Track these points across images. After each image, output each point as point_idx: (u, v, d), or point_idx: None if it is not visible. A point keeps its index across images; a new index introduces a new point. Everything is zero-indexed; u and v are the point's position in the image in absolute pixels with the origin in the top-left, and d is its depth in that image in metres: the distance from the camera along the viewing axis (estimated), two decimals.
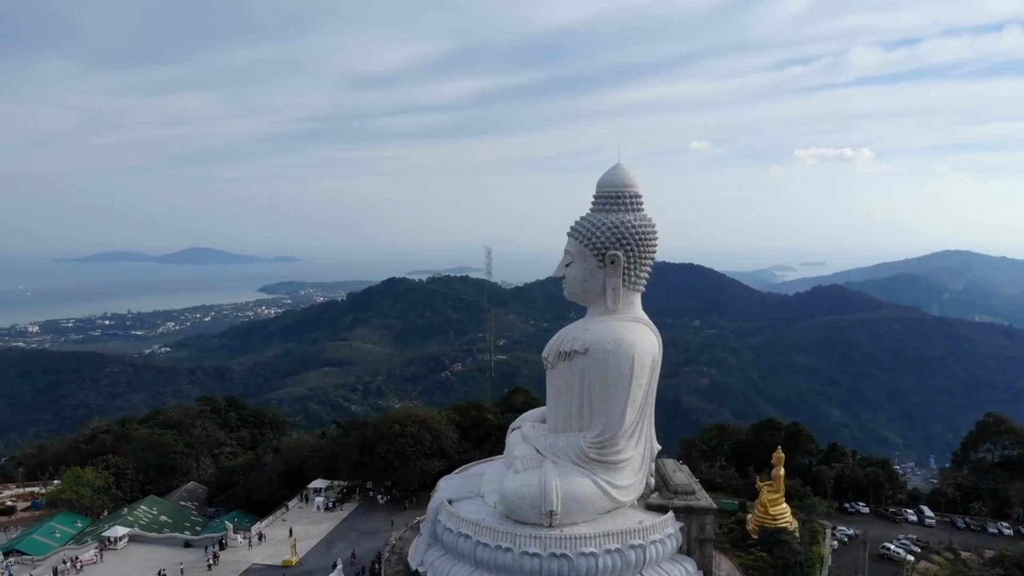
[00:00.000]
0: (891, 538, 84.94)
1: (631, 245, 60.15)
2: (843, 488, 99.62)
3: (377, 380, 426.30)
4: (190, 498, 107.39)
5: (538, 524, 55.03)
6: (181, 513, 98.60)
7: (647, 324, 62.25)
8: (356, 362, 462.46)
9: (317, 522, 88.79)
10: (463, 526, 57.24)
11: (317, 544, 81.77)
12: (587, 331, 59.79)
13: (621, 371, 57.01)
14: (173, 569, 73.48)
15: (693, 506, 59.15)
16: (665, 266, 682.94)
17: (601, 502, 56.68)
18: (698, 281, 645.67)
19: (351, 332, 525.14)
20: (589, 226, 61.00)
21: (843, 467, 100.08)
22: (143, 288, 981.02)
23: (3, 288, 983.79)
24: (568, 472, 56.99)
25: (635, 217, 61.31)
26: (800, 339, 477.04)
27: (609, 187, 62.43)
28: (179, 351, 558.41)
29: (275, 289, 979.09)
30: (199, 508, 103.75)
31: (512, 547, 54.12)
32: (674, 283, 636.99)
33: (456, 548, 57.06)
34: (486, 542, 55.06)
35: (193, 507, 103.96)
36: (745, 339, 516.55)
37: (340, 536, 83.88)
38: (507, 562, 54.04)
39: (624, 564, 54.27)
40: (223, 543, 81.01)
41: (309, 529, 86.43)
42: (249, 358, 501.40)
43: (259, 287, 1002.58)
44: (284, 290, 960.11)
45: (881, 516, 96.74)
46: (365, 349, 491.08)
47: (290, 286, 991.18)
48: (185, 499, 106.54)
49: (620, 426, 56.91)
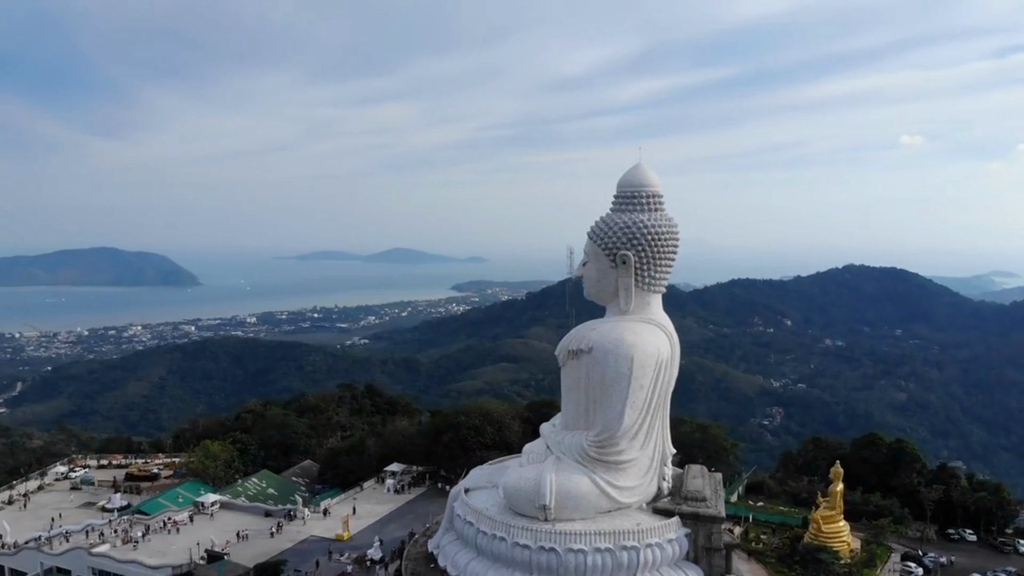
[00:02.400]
0: (987, 569, 75.80)
1: (642, 245, 59.03)
2: (951, 513, 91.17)
3: (548, 378, 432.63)
4: (303, 475, 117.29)
5: (534, 517, 55.45)
6: (288, 487, 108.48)
7: (659, 326, 60.37)
8: (530, 359, 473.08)
9: (383, 503, 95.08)
10: (469, 514, 58.98)
11: (374, 523, 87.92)
12: (594, 330, 59.47)
13: (619, 371, 56.16)
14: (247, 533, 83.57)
15: (700, 513, 56.69)
16: (863, 270, 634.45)
17: (599, 501, 56.03)
18: (901, 287, 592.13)
19: (528, 330, 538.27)
20: (603, 226, 60.74)
21: (948, 490, 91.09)
22: (350, 285, 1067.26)
23: (228, 283, 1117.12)
24: (567, 469, 56.88)
25: (649, 217, 59.96)
26: (1016, 353, 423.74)
27: (626, 187, 61.73)
28: (376, 343, 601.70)
29: (465, 287, 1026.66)
30: (308, 484, 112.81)
31: (506, 537, 55.08)
32: (874, 289, 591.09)
33: (463, 534, 58.95)
34: (485, 530, 56.46)
35: (303, 483, 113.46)
36: (951, 351, 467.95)
37: (397, 517, 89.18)
38: (501, 551, 55.15)
39: (615, 565, 53.28)
40: (291, 515, 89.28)
41: (373, 508, 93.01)
42: (436, 351, 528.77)
43: (451, 285, 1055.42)
44: (473, 288, 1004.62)
45: (989, 545, 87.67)
46: (539, 347, 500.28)
47: (478, 284, 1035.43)
48: (298, 475, 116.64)
49: (619, 426, 55.96)
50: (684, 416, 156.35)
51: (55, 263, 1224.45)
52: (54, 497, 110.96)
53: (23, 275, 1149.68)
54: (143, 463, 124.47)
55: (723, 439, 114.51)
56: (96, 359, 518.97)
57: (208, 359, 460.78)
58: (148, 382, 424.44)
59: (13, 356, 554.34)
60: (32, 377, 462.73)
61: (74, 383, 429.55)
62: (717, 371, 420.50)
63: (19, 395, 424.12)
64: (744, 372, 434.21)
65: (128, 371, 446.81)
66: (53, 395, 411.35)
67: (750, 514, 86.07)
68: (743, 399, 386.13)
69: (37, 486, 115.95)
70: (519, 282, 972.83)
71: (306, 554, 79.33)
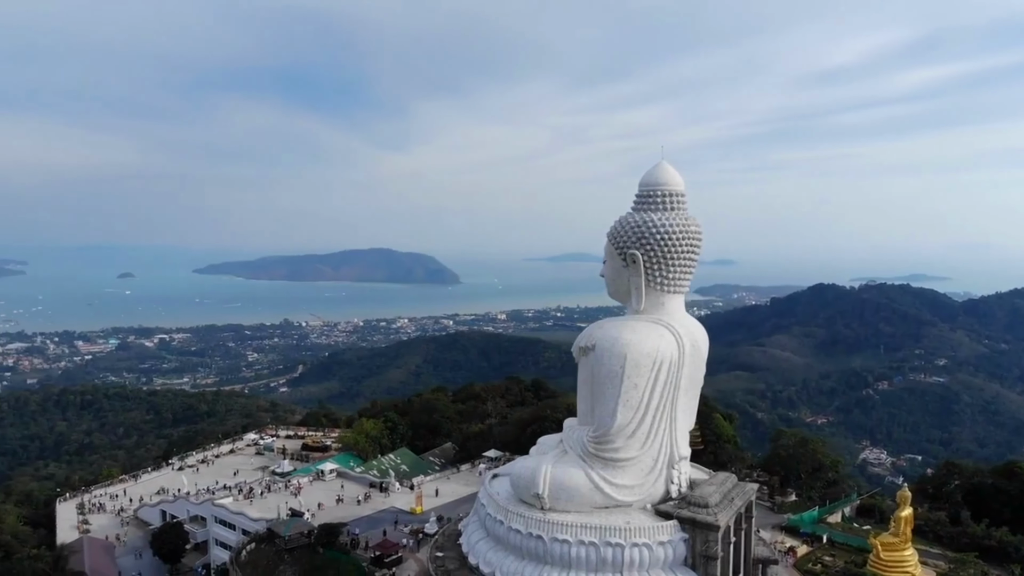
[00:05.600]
0: None
1: (651, 245, 58.05)
2: None
3: (789, 390, 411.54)
4: (441, 455, 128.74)
5: (532, 505, 57.65)
6: (421, 465, 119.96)
7: (667, 326, 58.29)
8: (769, 369, 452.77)
9: (469, 485, 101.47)
10: (484, 497, 62.97)
11: (451, 502, 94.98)
12: (601, 328, 59.70)
13: (612, 369, 56.03)
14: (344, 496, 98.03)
15: (697, 519, 54.87)
16: None
17: (592, 495, 56.38)
18: None
19: (769, 338, 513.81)
20: (617, 225, 60.63)
21: None
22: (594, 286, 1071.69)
23: (483, 282, 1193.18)
24: (567, 462, 58.26)
25: (662, 216, 58.60)
26: None
27: (643, 186, 61.00)
28: None
29: (709, 291, 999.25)
30: (443, 464, 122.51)
31: (504, 521, 58.18)
32: None
33: (479, 516, 63.06)
34: (491, 513, 59.99)
35: (439, 463, 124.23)
36: None
37: (473, 499, 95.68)
38: (499, 534, 58.44)
39: (599, 560, 53.76)
40: (383, 487, 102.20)
41: (457, 489, 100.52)
42: None
43: (695, 289, 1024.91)
44: (718, 292, 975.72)
45: None
46: (781, 356, 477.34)
47: (724, 289, 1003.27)
48: (436, 456, 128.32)
49: (611, 424, 55.92)
50: (785, 428, 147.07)
51: (339, 261, 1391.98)
52: (240, 460, 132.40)
53: (312, 272, 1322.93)
54: (320, 435, 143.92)
55: (824, 455, 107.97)
56: (367, 347, 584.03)
57: (459, 351, 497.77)
58: (406, 369, 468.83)
59: (299, 342, 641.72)
60: (312, 361, 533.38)
61: (345, 367, 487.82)
62: (988, 391, 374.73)
63: (300, 376, 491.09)
64: (1020, 394, 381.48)
65: (390, 359, 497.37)
66: (327, 377, 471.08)
67: (825, 534, 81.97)
68: (1016, 425, 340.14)
69: (229, 449, 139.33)
70: (769, 286, 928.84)
71: (378, 521, 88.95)
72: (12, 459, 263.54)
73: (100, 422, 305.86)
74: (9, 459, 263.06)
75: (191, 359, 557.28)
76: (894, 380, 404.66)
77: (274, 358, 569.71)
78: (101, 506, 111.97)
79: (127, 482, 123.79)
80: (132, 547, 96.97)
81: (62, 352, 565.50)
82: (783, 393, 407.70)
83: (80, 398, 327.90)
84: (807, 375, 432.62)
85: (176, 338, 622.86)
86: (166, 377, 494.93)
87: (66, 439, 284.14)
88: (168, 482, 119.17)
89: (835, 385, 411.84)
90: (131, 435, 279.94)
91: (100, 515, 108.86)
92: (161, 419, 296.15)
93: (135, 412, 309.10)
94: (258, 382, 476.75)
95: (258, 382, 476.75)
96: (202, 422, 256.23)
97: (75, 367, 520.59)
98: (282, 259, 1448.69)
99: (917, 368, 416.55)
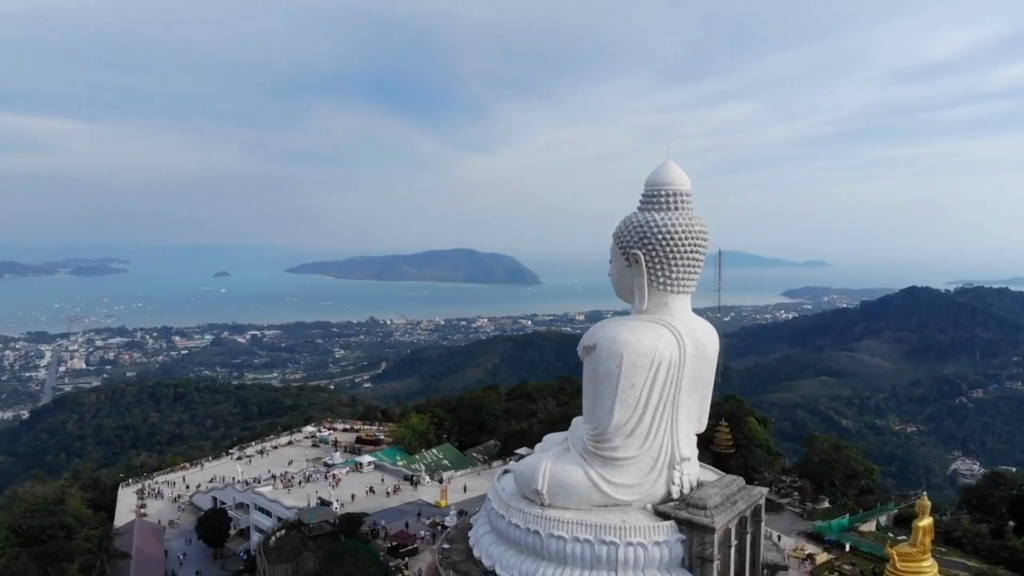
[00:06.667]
0: None
1: (652, 244, 57.26)
2: None
3: (877, 397, 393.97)
4: (484, 452, 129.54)
5: (532, 501, 57.79)
6: (462, 460, 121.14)
7: (668, 325, 57.20)
8: (857, 375, 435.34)
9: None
10: (490, 492, 63.43)
11: (475, 497, 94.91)
12: (603, 327, 59.18)
13: (609, 368, 55.50)
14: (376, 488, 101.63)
15: (694, 521, 53.69)
16: None
17: (589, 493, 56.18)
18: None
19: (858, 343, 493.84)
20: (621, 225, 60.13)
21: None
22: None
23: (563, 282, 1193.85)
24: (567, 459, 58.16)
25: (664, 216, 57.67)
26: None
27: (648, 186, 60.12)
28: None
29: (798, 293, 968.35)
30: (485, 461, 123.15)
31: (504, 516, 58.60)
32: None
33: (486, 510, 63.64)
34: (495, 508, 60.52)
35: (481, 459, 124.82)
36: None
37: None
38: (501, 528, 58.82)
39: (594, 557, 53.51)
40: (413, 480, 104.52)
41: (485, 485, 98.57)
42: (751, 360, 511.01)
43: (783, 291, 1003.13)
44: (807, 295, 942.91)
45: None
46: (870, 362, 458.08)
47: (814, 291, 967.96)
48: (479, 452, 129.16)
49: (608, 422, 55.47)
50: (818, 434, 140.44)
51: (423, 261, 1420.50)
52: (296, 451, 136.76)
53: (397, 271, 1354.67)
54: (375, 429, 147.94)
55: (858, 462, 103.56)
56: (447, 345, 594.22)
57: (535, 350, 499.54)
58: (483, 368, 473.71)
59: (383, 339, 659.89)
60: (395, 358, 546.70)
61: (426, 365, 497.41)
62: None
63: (382, 373, 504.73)
64: None
65: (469, 357, 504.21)
66: (408, 375, 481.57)
67: (849, 542, 79.81)
68: None
69: (287, 441, 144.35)
70: (861, 289, 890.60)
71: (404, 513, 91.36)
72: (107, 448, 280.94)
73: (191, 414, 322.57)
74: (104, 448, 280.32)
75: (281, 355, 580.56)
76: (989, 388, 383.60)
77: (359, 355, 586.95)
78: (159, 492, 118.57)
79: (187, 470, 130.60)
80: (184, 531, 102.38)
81: (160, 347, 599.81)
82: (871, 400, 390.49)
83: (173, 391, 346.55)
84: (897, 381, 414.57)
85: (267, 334, 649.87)
86: (256, 372, 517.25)
87: (158, 429, 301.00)
88: (225, 471, 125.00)
89: (926, 392, 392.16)
90: (218, 427, 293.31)
91: (158, 500, 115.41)
92: (247, 412, 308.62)
93: (223, 405, 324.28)
94: (343, 378, 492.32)
95: (343, 378, 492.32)
96: (285, 415, 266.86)
97: (172, 361, 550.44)
98: (369, 259, 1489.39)
99: (1015, 376, 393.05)
